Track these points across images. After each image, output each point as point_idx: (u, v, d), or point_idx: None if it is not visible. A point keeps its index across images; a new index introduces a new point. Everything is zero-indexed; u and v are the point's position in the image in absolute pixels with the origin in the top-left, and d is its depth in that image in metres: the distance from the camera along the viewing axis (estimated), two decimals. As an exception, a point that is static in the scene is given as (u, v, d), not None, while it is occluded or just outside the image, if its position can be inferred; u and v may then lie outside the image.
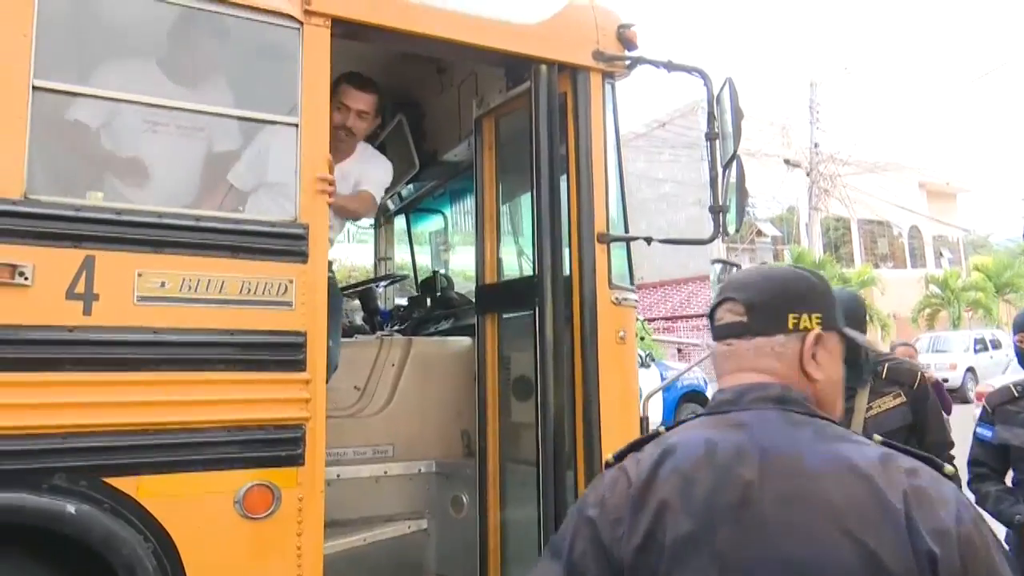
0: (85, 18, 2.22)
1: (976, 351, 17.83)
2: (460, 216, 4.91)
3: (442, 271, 4.79)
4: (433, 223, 5.10)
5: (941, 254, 29.70)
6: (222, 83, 2.36)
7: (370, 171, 2.99)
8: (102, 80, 2.13)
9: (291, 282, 2.16)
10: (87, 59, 2.16)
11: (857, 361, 2.32)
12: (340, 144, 2.87)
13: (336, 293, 3.06)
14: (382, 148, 3.25)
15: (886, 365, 2.54)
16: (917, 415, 2.49)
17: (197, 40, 2.32)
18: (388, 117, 4.10)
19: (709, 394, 11.64)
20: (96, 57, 2.17)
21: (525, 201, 3.07)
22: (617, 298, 2.73)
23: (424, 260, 5.06)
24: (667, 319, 22.53)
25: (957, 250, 30.98)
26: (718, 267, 2.86)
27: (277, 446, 2.10)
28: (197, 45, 2.33)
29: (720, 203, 2.70)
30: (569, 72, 2.76)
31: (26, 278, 1.83)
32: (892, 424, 2.43)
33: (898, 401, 2.48)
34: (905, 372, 2.56)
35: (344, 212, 2.82)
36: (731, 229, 2.69)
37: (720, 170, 2.71)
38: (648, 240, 2.89)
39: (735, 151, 2.65)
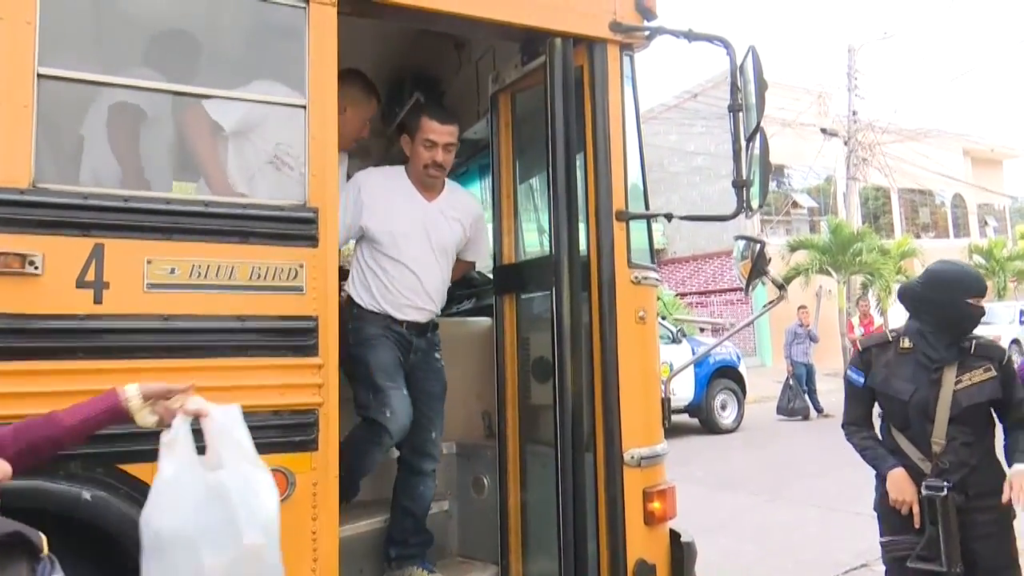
0: (88, 4, 2.20)
1: (1022, 322, 17.31)
2: (486, 194, 4.86)
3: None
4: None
5: (986, 223, 28.81)
6: (229, 66, 2.33)
7: (469, 212, 3.05)
8: (106, 66, 2.12)
9: (301, 266, 2.14)
10: (91, 45, 2.15)
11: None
12: (431, 181, 2.93)
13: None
14: (400, 127, 3.20)
15: (974, 341, 2.59)
16: (1005, 390, 2.56)
17: (202, 22, 2.29)
18: (406, 95, 4.06)
19: (742, 370, 11.52)
20: (100, 42, 2.15)
21: (543, 179, 3.01)
22: (636, 277, 2.67)
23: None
24: (700, 294, 22.29)
25: (1003, 218, 30.01)
26: (741, 243, 2.76)
27: (290, 431, 2.09)
28: (203, 27, 2.30)
29: (744, 177, 2.60)
30: (585, 45, 2.67)
31: (36, 268, 1.83)
32: (981, 397, 2.53)
33: (988, 375, 2.55)
34: (995, 348, 2.64)
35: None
36: (755, 204, 2.59)
37: (744, 143, 2.61)
38: (668, 217, 2.82)
39: (758, 123, 2.55)
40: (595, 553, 2.55)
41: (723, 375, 11.24)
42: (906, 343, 2.63)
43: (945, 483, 2.47)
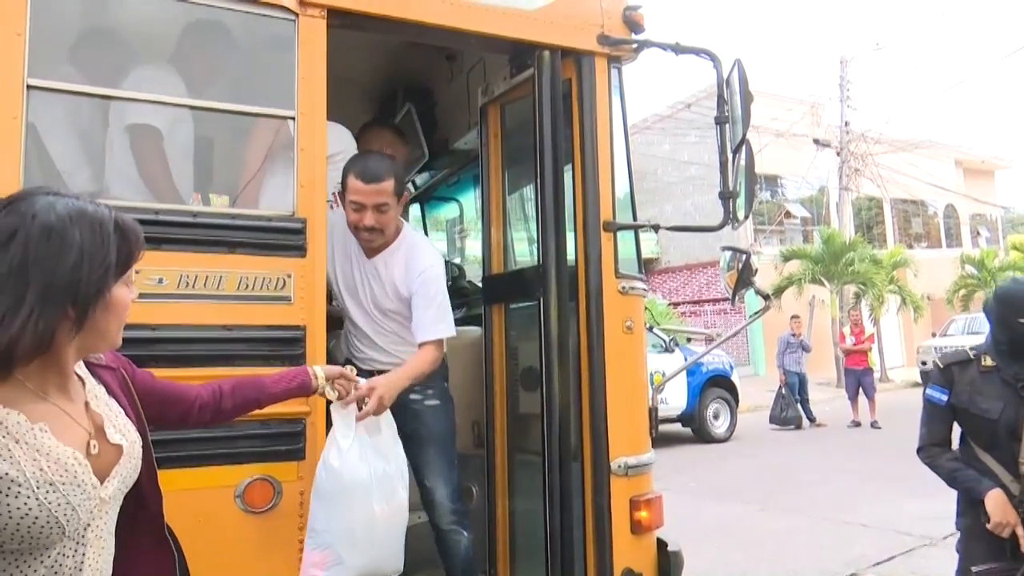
0: (78, 15, 2.22)
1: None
2: (476, 204, 4.89)
3: (456, 260, 4.77)
4: (448, 211, 5.08)
5: (978, 233, 28.97)
6: (218, 77, 2.35)
7: (408, 279, 2.58)
8: (97, 77, 2.14)
9: (289, 276, 2.15)
10: (81, 56, 2.16)
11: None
12: (365, 244, 2.62)
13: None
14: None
15: None
16: None
17: (192, 35, 2.31)
18: (397, 106, 4.09)
19: (735, 379, 11.54)
20: (90, 54, 2.17)
21: (532, 189, 3.03)
22: (624, 287, 2.69)
23: (440, 248, 5.04)
24: (693, 303, 22.33)
25: (995, 229, 30.19)
26: (728, 254, 2.79)
27: (278, 440, 2.11)
28: (192, 40, 2.32)
29: (730, 188, 2.63)
30: (573, 57, 2.71)
31: (24, 277, 1.84)
32: None
33: None
34: None
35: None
36: (740, 215, 2.62)
37: (730, 154, 2.65)
38: (656, 227, 2.84)
39: (744, 134, 2.58)
40: (582, 562, 2.57)
41: (716, 384, 11.26)
42: (988, 360, 2.52)
43: None
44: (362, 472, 2.02)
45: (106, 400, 1.30)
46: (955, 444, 2.68)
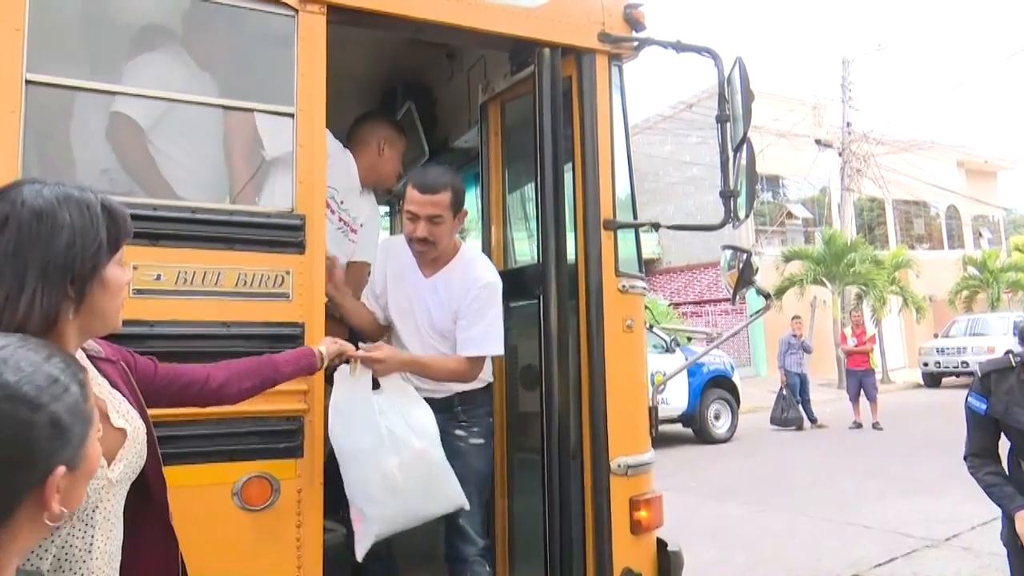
0: (76, 11, 2.21)
1: (1016, 334, 17.33)
2: (476, 202, 4.88)
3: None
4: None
5: (980, 234, 28.94)
6: (217, 73, 2.34)
7: (460, 296, 2.58)
8: (94, 72, 2.13)
9: (288, 273, 2.14)
10: (79, 51, 2.16)
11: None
12: (420, 257, 2.64)
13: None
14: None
15: None
16: None
17: (191, 30, 2.31)
18: (398, 104, 4.08)
19: (736, 380, 11.52)
20: (88, 49, 2.16)
21: (532, 188, 3.02)
22: (624, 286, 2.68)
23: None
24: (695, 303, 22.31)
25: (997, 230, 30.15)
26: (729, 253, 2.78)
27: (275, 438, 2.09)
28: (191, 35, 2.31)
29: (731, 187, 2.62)
30: (574, 55, 2.69)
31: (22, 272, 1.83)
32: None
33: None
34: None
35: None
36: (741, 214, 2.61)
37: (731, 153, 2.63)
38: (656, 226, 2.83)
39: (745, 133, 2.57)
40: (581, 561, 2.55)
41: (717, 385, 11.25)
42: None
43: None
44: (363, 434, 2.21)
45: (109, 389, 1.33)
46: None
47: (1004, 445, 2.61)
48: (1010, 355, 2.52)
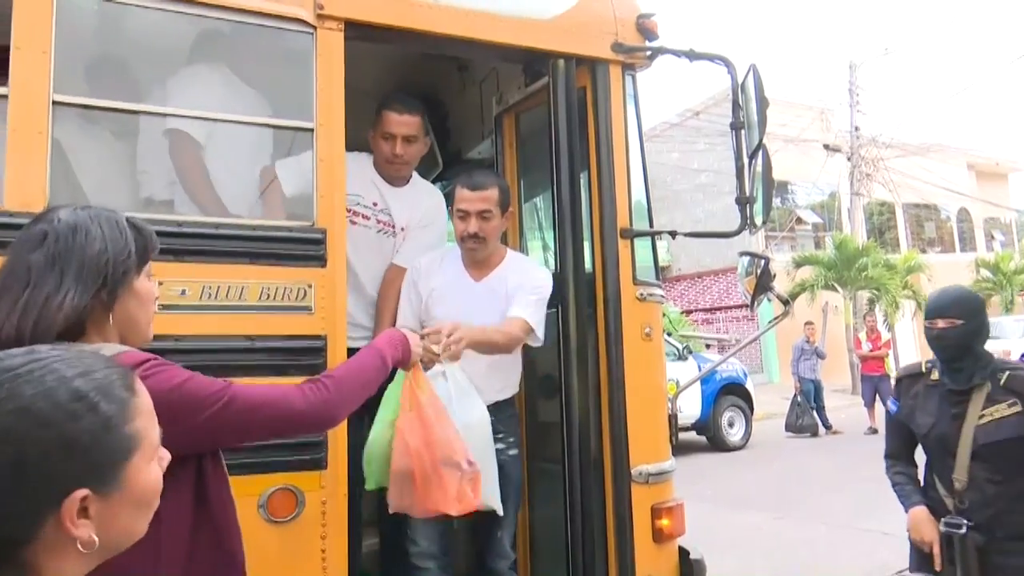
0: (100, 33, 2.25)
1: (1031, 337, 17.21)
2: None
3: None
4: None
5: (993, 237, 28.74)
6: (238, 91, 2.38)
7: (514, 285, 2.59)
8: (118, 93, 2.17)
9: (310, 286, 2.16)
10: (103, 73, 2.19)
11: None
12: (470, 255, 2.64)
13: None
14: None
15: (1007, 373, 2.39)
16: None
17: (211, 49, 2.34)
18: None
19: (749, 387, 11.47)
20: (112, 70, 2.20)
21: (547, 198, 3.04)
22: (642, 294, 2.69)
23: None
24: (706, 311, 22.25)
25: (1010, 232, 29.94)
26: (746, 259, 2.78)
27: (300, 450, 2.10)
28: (211, 54, 2.34)
29: (747, 194, 2.63)
30: (588, 65, 2.72)
31: (50, 290, 1.86)
32: (1000, 434, 2.34)
33: (1013, 411, 2.34)
34: None
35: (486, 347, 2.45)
36: (758, 220, 2.61)
37: (746, 160, 2.64)
38: (673, 234, 2.84)
39: (760, 140, 2.58)
40: (604, 570, 2.55)
41: (730, 392, 11.20)
42: (935, 375, 2.51)
43: (965, 522, 2.35)
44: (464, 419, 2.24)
45: None
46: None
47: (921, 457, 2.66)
48: (922, 362, 2.61)
